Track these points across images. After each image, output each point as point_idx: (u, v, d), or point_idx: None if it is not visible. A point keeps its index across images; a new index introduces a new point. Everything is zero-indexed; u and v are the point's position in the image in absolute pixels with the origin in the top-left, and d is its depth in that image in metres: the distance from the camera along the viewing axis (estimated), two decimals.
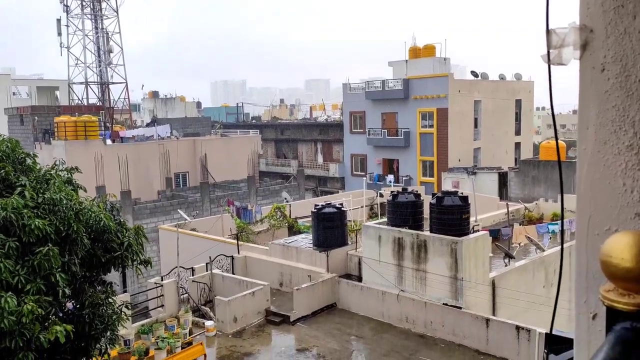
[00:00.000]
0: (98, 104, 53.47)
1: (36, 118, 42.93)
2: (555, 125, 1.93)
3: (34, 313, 7.23)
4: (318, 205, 21.19)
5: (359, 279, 19.27)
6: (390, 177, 42.19)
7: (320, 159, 53.03)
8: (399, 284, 17.74)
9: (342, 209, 20.92)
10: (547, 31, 1.58)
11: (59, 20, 53.19)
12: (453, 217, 16.96)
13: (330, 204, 21.39)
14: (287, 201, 33.63)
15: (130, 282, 29.93)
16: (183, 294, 19.18)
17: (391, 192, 19.76)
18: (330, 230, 20.23)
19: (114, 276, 12.49)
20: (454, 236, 16.56)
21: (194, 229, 25.78)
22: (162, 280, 19.39)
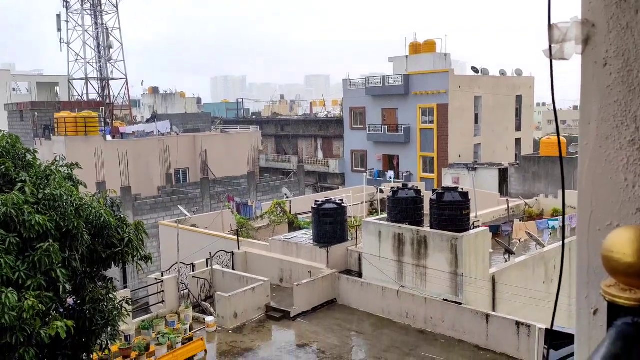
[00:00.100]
0: (98, 99, 53.36)
1: (36, 114, 42.87)
2: (557, 120, 1.93)
3: (35, 309, 7.25)
4: (318, 201, 21.20)
5: (359, 274, 19.29)
6: (391, 173, 42.25)
7: (320, 155, 53.00)
8: (399, 279, 17.76)
9: (342, 205, 20.92)
10: (549, 26, 1.57)
11: (58, 16, 53.02)
12: (453, 213, 16.97)
13: (331, 200, 21.40)
14: (288, 197, 33.62)
15: (131, 277, 29.97)
16: (183, 290, 19.21)
17: (391, 188, 19.76)
18: (331, 226, 20.25)
19: (114, 272, 12.51)
20: (454, 232, 16.57)
21: (194, 225, 25.78)
22: (162, 276, 19.42)
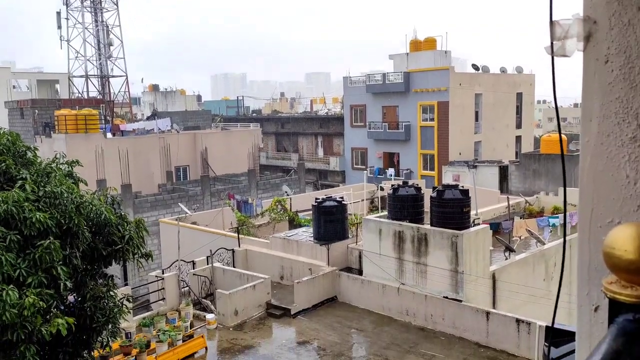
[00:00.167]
0: (98, 97, 53.36)
1: (36, 111, 42.85)
2: (558, 117, 1.93)
3: (36, 306, 7.25)
4: (319, 199, 21.20)
5: (359, 272, 19.31)
6: (391, 171, 42.20)
7: (320, 152, 52.99)
8: (399, 277, 17.77)
9: (342, 202, 20.93)
10: (551, 23, 1.57)
11: (58, 13, 52.96)
12: (453, 211, 16.98)
13: (331, 197, 21.42)
14: (288, 195, 33.65)
15: (132, 275, 29.99)
16: (184, 287, 19.23)
17: (392, 186, 19.77)
18: (331, 223, 20.26)
19: (115, 269, 12.53)
20: (454, 229, 16.57)
21: (194, 223, 25.80)
22: (163, 274, 19.43)
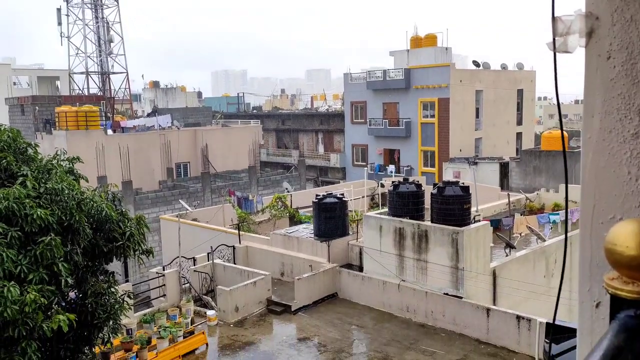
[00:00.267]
0: (99, 93, 53.29)
1: (37, 108, 42.83)
2: (560, 114, 1.93)
3: (37, 302, 7.26)
4: (319, 196, 21.20)
5: (360, 268, 19.32)
6: (391, 168, 42.14)
7: (321, 149, 52.97)
8: (399, 273, 17.79)
9: (343, 199, 20.94)
10: (553, 18, 1.57)
11: (59, 10, 52.87)
12: (454, 207, 16.97)
13: (332, 194, 21.40)
14: (288, 191, 33.65)
15: (132, 271, 30.02)
16: (185, 284, 19.26)
17: (392, 182, 19.75)
18: (332, 220, 20.26)
19: (116, 266, 12.52)
20: (455, 226, 16.58)
21: (195, 219, 25.82)
22: (163, 270, 19.45)
